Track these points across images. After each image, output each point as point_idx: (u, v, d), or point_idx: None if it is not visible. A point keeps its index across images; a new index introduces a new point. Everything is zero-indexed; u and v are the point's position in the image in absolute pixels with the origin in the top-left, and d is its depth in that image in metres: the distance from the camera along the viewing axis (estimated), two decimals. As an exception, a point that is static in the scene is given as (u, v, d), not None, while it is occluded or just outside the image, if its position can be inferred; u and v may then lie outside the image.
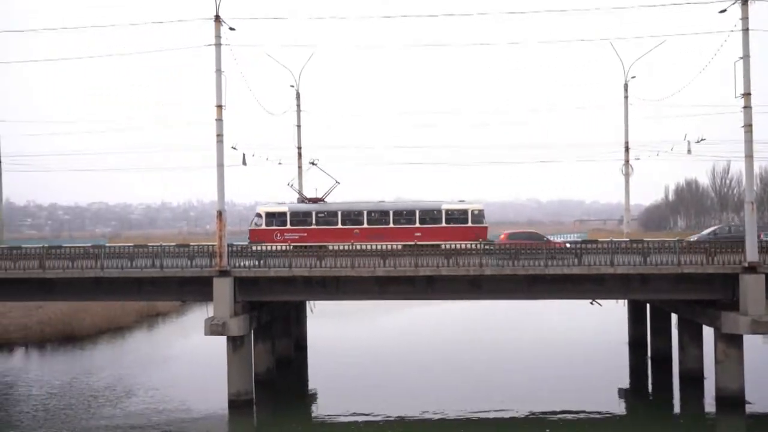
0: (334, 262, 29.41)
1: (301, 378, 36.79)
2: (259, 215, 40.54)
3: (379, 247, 29.99)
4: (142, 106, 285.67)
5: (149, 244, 35.40)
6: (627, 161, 42.87)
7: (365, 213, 39.23)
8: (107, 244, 38.53)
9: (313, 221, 39.12)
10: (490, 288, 29.92)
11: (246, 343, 30.19)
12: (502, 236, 36.99)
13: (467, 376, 35.60)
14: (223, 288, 29.36)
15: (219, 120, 30.26)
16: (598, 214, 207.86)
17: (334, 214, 39.46)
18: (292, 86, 44.37)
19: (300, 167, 44.46)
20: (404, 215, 39.15)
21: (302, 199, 41.67)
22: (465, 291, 30.28)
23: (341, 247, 30.99)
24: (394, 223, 38.85)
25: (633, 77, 42.56)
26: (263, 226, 39.81)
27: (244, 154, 38.36)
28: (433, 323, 52.50)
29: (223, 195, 30.66)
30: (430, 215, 38.89)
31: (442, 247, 31.38)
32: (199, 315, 46.16)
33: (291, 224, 39.40)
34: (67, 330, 47.73)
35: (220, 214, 30.38)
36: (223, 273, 29.54)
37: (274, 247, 31.30)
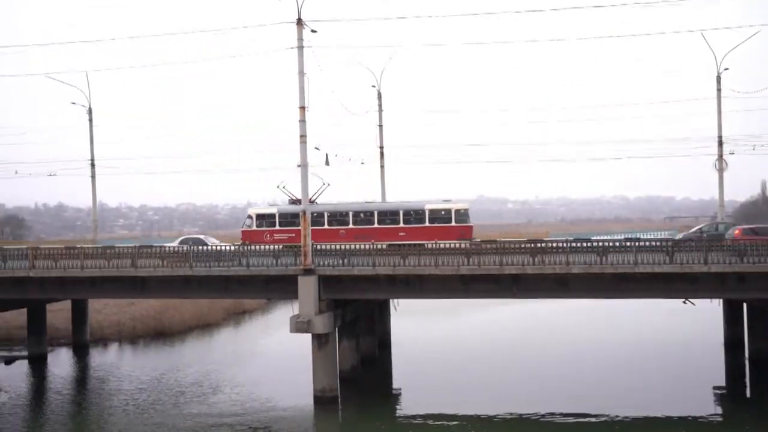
0: (417, 260, 29.24)
1: (385, 376, 36.79)
2: (250, 217, 41.97)
3: (462, 245, 29.68)
4: (228, 110, 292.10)
5: (236, 243, 36.04)
6: (720, 156, 41.13)
7: (350, 214, 40.30)
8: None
9: (299, 222, 38.86)
10: (577, 287, 29.14)
11: (331, 341, 30.35)
12: (737, 231, 33.87)
13: (553, 375, 34.88)
14: (307, 286, 29.58)
15: (302, 121, 30.52)
16: (689, 210, 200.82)
17: (321, 215, 40.54)
18: (374, 86, 44.46)
19: (383, 167, 44.52)
20: (389, 215, 39.89)
21: (293, 201, 41.96)
22: (551, 290, 29.61)
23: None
24: (378, 223, 39.63)
25: (726, 69, 40.79)
26: (254, 227, 41.34)
27: (327, 154, 38.69)
28: (518, 322, 51.76)
29: (308, 195, 30.93)
30: (414, 215, 39.50)
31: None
32: (284, 312, 46.76)
33: (280, 225, 40.87)
34: (157, 326, 49.23)
35: (304, 213, 30.64)
36: (308, 271, 29.76)
37: (357, 246, 31.38)
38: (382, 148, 44.33)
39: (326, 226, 40.21)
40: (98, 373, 39.20)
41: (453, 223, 38.81)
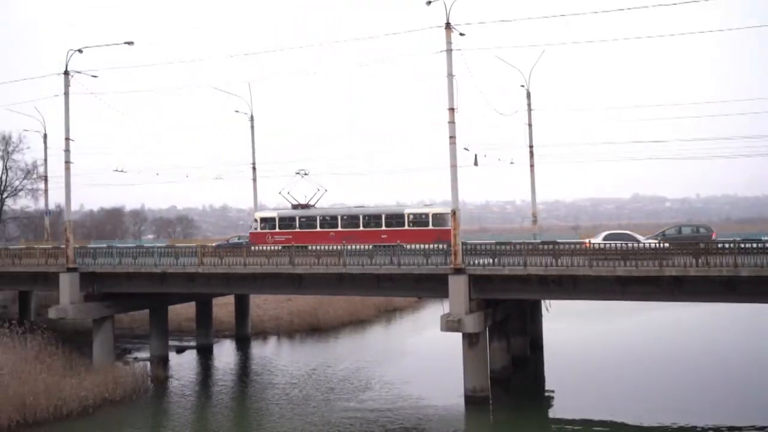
0: (570, 260, 28.60)
1: (537, 377, 36.27)
2: (255, 220, 45.14)
3: (619, 246, 28.73)
4: (378, 113, 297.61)
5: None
6: None
7: (339, 217, 42.94)
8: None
9: (297, 225, 43.52)
10: (747, 290, 27.20)
11: (481, 340, 30.31)
12: None
13: (715, 383, 33.02)
14: (458, 285, 29.69)
15: (451, 122, 30.66)
16: None
17: (314, 218, 43.49)
18: (522, 86, 43.87)
19: (532, 166, 43.85)
20: (373, 219, 42.14)
21: (295, 206, 44.97)
22: (717, 293, 27.93)
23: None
24: (364, 226, 41.84)
25: None
26: (258, 230, 44.39)
27: (476, 155, 38.63)
28: (680, 326, 49.35)
29: (457, 195, 31.00)
30: (396, 219, 41.51)
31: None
32: (434, 311, 47.11)
33: (279, 227, 43.77)
34: (313, 321, 51.07)
35: (454, 213, 30.78)
36: (458, 271, 29.87)
37: (508, 246, 31.15)
38: (531, 147, 43.66)
39: (318, 229, 42.99)
40: (258, 364, 41.20)
41: (430, 227, 40.38)
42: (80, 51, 37.14)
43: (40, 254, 40.05)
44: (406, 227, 40.76)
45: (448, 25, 30.39)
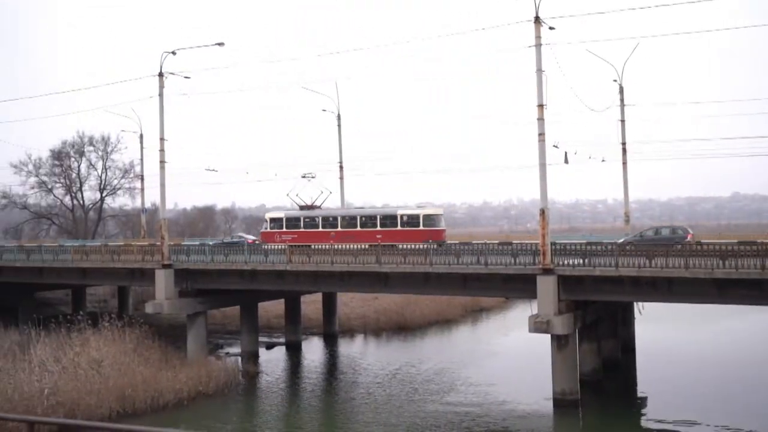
0: (665, 261, 27.65)
1: (628, 381, 35.25)
2: (265, 220, 46.98)
3: (716, 247, 27.63)
4: (464, 111, 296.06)
5: (473, 241, 36.45)
6: None
7: (339, 218, 44.20)
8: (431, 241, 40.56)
9: (302, 225, 44.94)
10: None
11: (570, 342, 29.73)
12: None
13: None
14: (546, 286, 29.21)
15: (540, 119, 30.19)
16: None
17: (317, 219, 44.95)
18: (615, 81, 42.76)
19: (625, 163, 42.75)
20: (369, 220, 43.23)
21: (302, 207, 46.67)
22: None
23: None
24: (361, 226, 42.86)
25: None
26: (268, 229, 45.82)
27: (566, 152, 37.90)
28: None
29: (546, 193, 30.50)
30: (390, 220, 42.45)
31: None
32: (521, 312, 46.51)
33: (286, 227, 45.12)
34: (399, 320, 51.20)
35: (543, 212, 30.29)
36: (547, 271, 29.37)
37: (599, 246, 30.45)
38: (624, 144, 42.51)
39: (320, 229, 44.26)
40: (344, 362, 41.65)
41: (421, 227, 41.18)
42: (173, 53, 38.26)
43: (137, 251, 41.61)
44: (399, 228, 41.84)
45: (537, 19, 29.92)
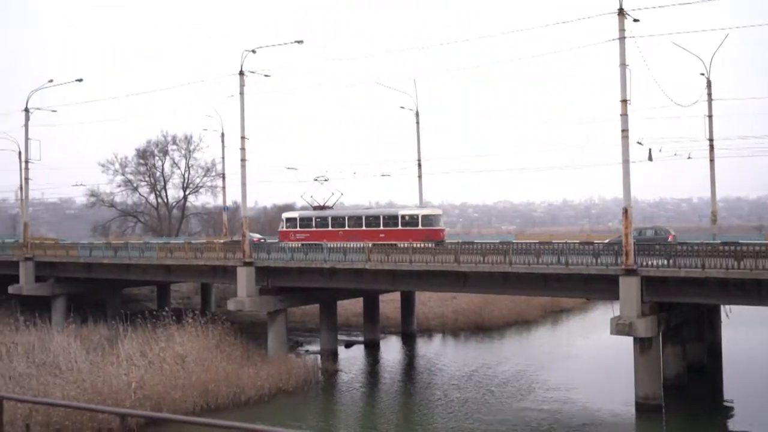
0: (754, 263, 26.54)
1: (714, 387, 34.03)
2: (282, 220, 49.63)
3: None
4: (550, 107, 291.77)
5: (553, 241, 35.86)
6: None
7: (346, 218, 46.08)
8: (514, 241, 40.15)
9: (314, 225, 47.10)
10: None
11: (654, 346, 28.89)
12: None
13: None
14: (629, 287, 28.48)
15: (624, 115, 29.45)
16: None
17: (327, 219, 47.01)
18: (702, 74, 41.32)
19: (712, 160, 41.28)
20: (373, 220, 45.00)
21: (315, 207, 48.85)
22: None
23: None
24: (366, 226, 44.32)
25: None
26: (285, 228, 48.27)
27: (650, 149, 36.88)
28: None
29: (629, 192, 29.74)
30: (391, 220, 44.24)
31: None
32: (603, 313, 45.61)
33: (300, 227, 47.44)
34: (477, 320, 50.84)
35: (626, 211, 29.56)
36: (630, 272, 28.63)
37: (684, 247, 29.52)
38: (711, 140, 41.02)
39: (330, 228, 46.14)
40: (422, 362, 41.63)
41: (420, 227, 42.90)
42: (254, 51, 38.80)
43: (220, 249, 42.58)
44: (400, 227, 43.58)
45: (621, 11, 29.19)
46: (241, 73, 39.06)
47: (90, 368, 30.60)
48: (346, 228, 45.23)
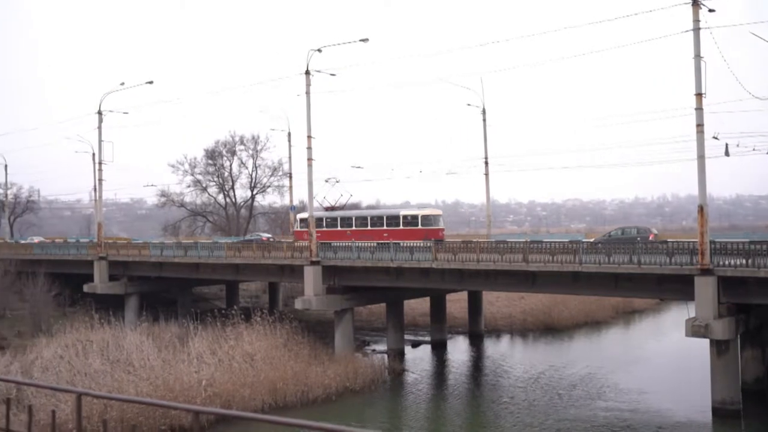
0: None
1: (797, 392, 32.62)
2: (295, 220, 52.81)
3: None
4: (621, 102, 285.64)
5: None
6: None
7: (353, 218, 48.54)
8: (583, 240, 39.27)
9: (324, 224, 49.20)
10: None
11: (732, 348, 27.80)
12: None
13: None
14: (705, 287, 27.47)
15: (699, 109, 28.43)
16: None
17: (336, 219, 49.77)
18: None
19: (793, 155, 39.57)
20: (377, 220, 47.34)
21: (326, 208, 51.46)
22: None
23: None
24: (371, 226, 46.46)
25: None
26: (298, 228, 51.29)
27: (727, 144, 35.48)
28: None
29: (705, 189, 28.71)
30: (393, 220, 46.60)
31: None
32: (677, 314, 44.25)
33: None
34: (546, 321, 50.02)
35: (701, 208, 28.54)
36: (706, 271, 27.61)
37: (764, 246, 28.31)
38: (793, 135, 39.34)
39: (339, 228, 48.65)
40: (489, 362, 41.14)
41: (419, 227, 44.94)
42: (319, 51, 38.92)
43: (287, 248, 42.90)
44: (401, 227, 45.75)
45: (695, 1, 28.19)
46: (307, 73, 39.20)
47: (162, 366, 31.22)
48: (354, 228, 47.49)
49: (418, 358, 41.97)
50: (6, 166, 77.83)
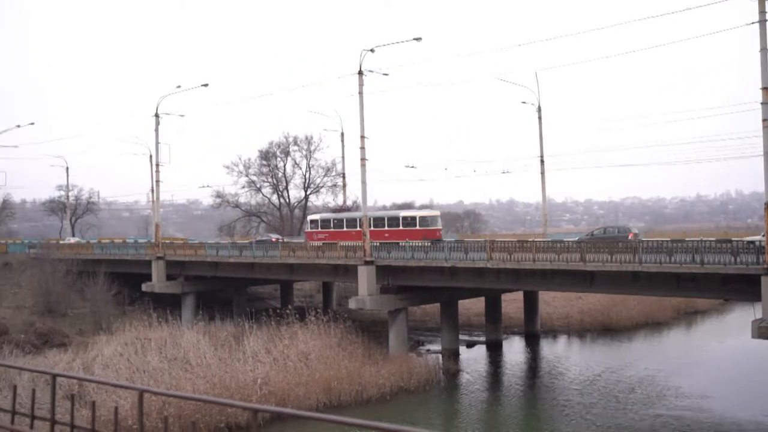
0: None
1: None
2: (308, 221, 56.06)
3: None
4: (680, 98, 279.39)
5: (686, 238, 33.93)
6: None
7: (357, 220, 49.15)
8: (643, 239, 38.27)
9: (331, 225, 52.70)
10: None
11: (802, 351, 26.75)
12: None
13: None
14: (774, 288, 26.41)
15: (765, 104, 27.34)
16: None
17: (342, 221, 52.42)
18: None
19: None
20: (380, 221, 49.27)
21: (334, 210, 54.69)
22: None
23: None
24: (373, 226, 46.05)
25: None
26: (309, 229, 54.55)
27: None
28: None
29: (771, 186, 27.60)
30: (394, 220, 49.26)
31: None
32: (741, 315, 42.88)
33: (321, 228, 53.36)
34: (605, 321, 48.99)
35: (767, 205, 27.49)
36: (774, 271, 26.56)
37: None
38: None
39: (345, 229, 51.12)
40: (546, 364, 40.44)
41: (417, 227, 47.20)
42: (372, 51, 38.75)
43: (340, 248, 42.87)
44: (401, 227, 48.03)
45: (763, -9, 27.15)
46: (360, 73, 39.09)
47: (218, 364, 31.49)
48: (357, 228, 47.96)
49: (473, 359, 41.52)
50: (67, 168, 79.85)
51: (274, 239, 58.12)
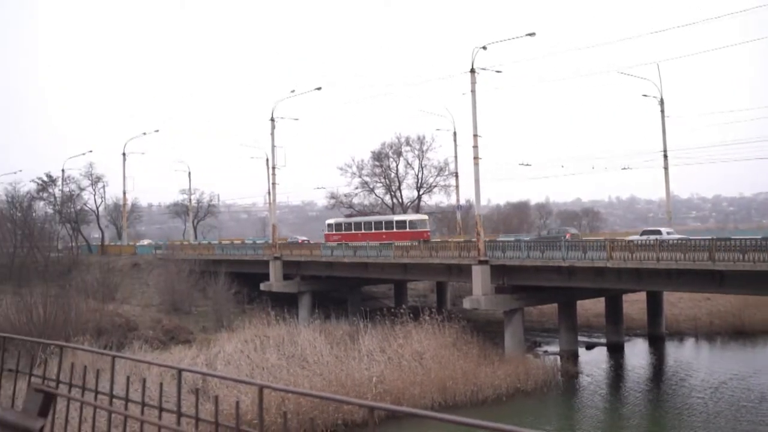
0: None
1: None
2: (325, 225, 62.19)
3: None
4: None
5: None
6: None
7: (362, 223, 57.76)
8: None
9: (344, 229, 58.63)
10: None
11: None
12: None
13: None
14: None
15: None
16: None
17: (350, 224, 59.17)
18: None
19: None
20: (378, 224, 56.14)
21: (347, 215, 62.62)
22: None
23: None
24: (374, 229, 54.74)
25: None
26: (327, 232, 60.33)
27: None
28: None
29: None
30: (389, 224, 55.06)
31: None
32: None
33: (335, 231, 59.11)
34: (736, 324, 46.25)
35: None
36: None
37: None
38: None
39: (353, 231, 57.09)
40: (669, 368, 38.63)
41: (407, 229, 52.85)
42: (484, 48, 38.13)
43: (454, 247, 42.48)
44: (394, 230, 53.26)
45: None
46: (472, 71, 38.63)
47: (334, 362, 31.79)
48: (363, 231, 55.68)
49: (593, 361, 40.12)
50: (189, 173, 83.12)
51: (300, 241, 66.24)
